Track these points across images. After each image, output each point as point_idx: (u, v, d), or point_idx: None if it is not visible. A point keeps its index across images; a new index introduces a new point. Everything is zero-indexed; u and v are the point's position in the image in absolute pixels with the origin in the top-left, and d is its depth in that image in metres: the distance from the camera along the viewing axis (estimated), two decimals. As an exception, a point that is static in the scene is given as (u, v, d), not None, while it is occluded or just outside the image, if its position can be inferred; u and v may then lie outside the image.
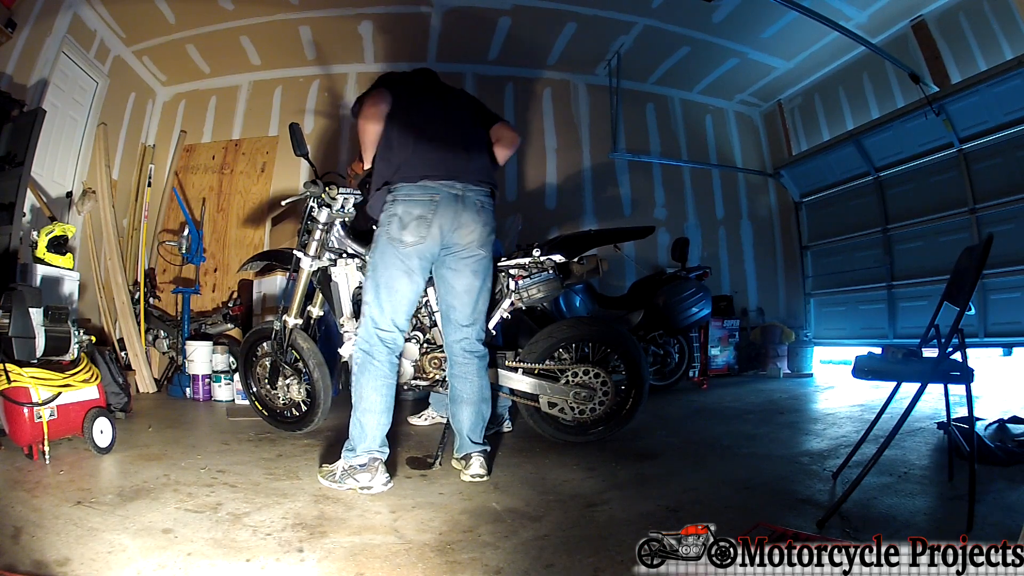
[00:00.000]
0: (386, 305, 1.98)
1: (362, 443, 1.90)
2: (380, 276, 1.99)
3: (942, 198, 4.52)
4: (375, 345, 1.99)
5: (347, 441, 1.93)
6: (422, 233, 1.95)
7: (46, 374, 2.20)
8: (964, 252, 1.79)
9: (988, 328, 4.15)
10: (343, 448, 1.93)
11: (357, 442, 1.91)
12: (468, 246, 2.02)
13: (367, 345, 1.99)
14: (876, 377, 1.74)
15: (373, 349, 1.98)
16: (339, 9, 4.42)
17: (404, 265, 1.97)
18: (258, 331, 2.72)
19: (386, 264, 1.97)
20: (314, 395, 2.55)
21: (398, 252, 1.96)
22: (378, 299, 1.99)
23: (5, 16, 3.20)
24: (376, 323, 1.99)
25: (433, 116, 2.11)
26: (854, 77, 5.04)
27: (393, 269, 1.97)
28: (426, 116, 2.10)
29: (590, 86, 5.53)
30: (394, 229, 1.95)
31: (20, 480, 1.89)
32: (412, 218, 1.94)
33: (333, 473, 1.91)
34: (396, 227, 1.95)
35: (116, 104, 4.44)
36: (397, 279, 1.97)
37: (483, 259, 2.06)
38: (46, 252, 3.23)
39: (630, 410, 2.52)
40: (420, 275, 2.01)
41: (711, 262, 5.40)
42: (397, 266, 1.96)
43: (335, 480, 1.89)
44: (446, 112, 2.14)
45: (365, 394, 1.95)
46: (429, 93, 2.21)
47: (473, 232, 2.00)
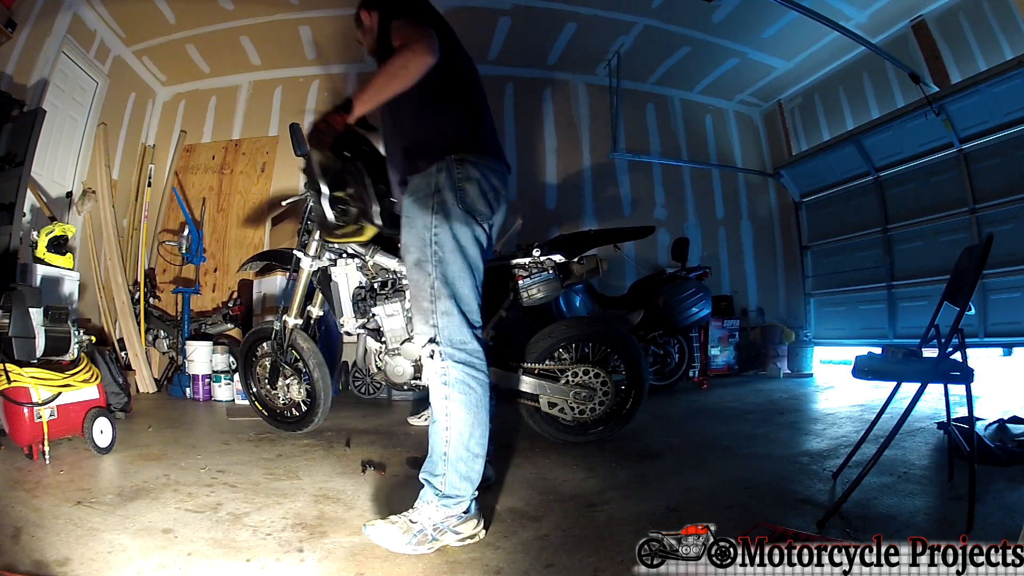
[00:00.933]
0: (473, 298, 1.52)
1: (469, 489, 1.47)
2: (467, 256, 1.50)
3: (942, 198, 4.52)
4: (477, 355, 1.50)
5: (440, 487, 1.45)
6: (495, 208, 1.60)
7: (46, 374, 2.20)
8: (964, 252, 1.79)
9: (988, 328, 4.16)
10: (429, 496, 1.46)
11: (462, 489, 1.45)
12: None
13: (472, 357, 1.48)
14: (876, 377, 1.74)
15: (477, 361, 1.49)
16: (339, 9, 4.42)
17: (480, 244, 1.54)
18: (257, 331, 2.72)
19: (468, 240, 1.51)
20: (314, 395, 2.56)
21: (475, 226, 1.52)
22: (470, 287, 1.51)
23: (5, 16, 3.20)
24: (471, 322, 1.50)
25: (477, 78, 1.76)
26: (854, 77, 5.05)
27: (474, 247, 1.52)
28: (477, 76, 1.75)
29: (590, 86, 5.53)
30: (472, 195, 1.52)
31: (20, 480, 1.89)
32: (490, 187, 1.57)
33: (422, 532, 1.41)
34: (476, 192, 1.53)
35: (116, 104, 4.44)
36: (478, 261, 1.54)
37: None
38: (46, 252, 3.23)
39: (630, 410, 2.52)
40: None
41: (711, 262, 5.40)
42: (476, 244, 1.53)
43: (426, 541, 1.41)
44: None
45: (477, 431, 1.47)
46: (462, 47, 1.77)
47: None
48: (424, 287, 1.49)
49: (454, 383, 1.46)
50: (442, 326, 1.47)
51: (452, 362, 1.46)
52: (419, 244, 1.51)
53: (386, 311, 2.38)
